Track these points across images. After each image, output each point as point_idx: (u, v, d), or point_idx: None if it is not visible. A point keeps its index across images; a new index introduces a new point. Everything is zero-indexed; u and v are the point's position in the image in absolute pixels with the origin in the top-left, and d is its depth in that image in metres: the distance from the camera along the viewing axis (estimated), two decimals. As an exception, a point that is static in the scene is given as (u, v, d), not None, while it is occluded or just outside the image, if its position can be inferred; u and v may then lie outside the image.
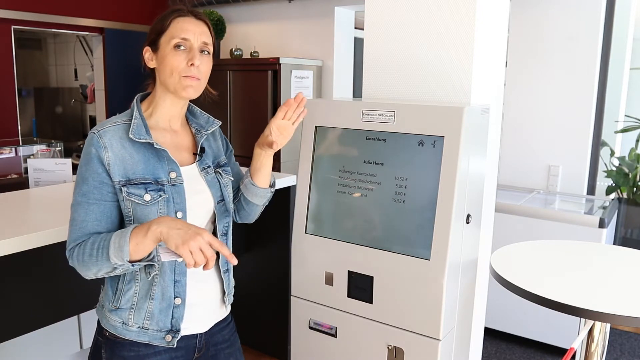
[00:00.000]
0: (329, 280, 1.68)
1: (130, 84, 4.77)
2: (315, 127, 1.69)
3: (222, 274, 1.46)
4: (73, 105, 6.43)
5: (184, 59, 1.33)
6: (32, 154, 3.36)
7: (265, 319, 2.88)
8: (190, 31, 1.34)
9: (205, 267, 1.18)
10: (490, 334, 3.26)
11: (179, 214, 1.35)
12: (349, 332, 1.68)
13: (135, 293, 1.34)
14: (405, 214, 1.53)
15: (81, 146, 6.46)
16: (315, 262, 1.70)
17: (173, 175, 1.34)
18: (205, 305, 1.43)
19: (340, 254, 1.64)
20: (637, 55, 4.54)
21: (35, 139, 5.51)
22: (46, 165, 2.83)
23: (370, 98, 1.88)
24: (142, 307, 1.33)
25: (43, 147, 3.47)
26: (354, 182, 1.62)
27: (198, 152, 1.43)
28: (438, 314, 1.50)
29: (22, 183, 3.10)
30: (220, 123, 1.52)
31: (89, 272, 1.27)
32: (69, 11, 4.47)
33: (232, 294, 1.51)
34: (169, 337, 1.35)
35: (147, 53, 1.39)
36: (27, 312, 1.98)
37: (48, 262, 2.01)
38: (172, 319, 1.35)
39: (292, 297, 1.76)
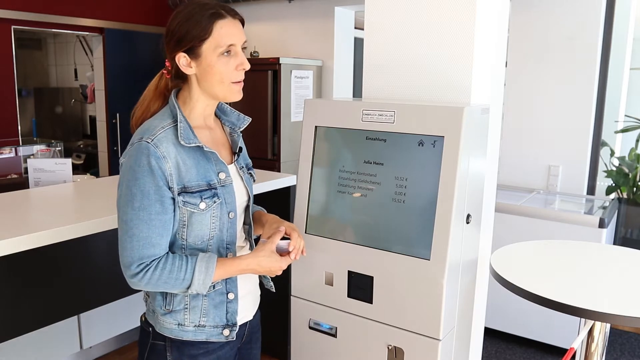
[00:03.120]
0: (329, 280, 1.68)
1: (130, 84, 4.77)
2: (315, 127, 1.69)
3: None
4: (73, 105, 6.43)
5: (232, 65, 1.30)
6: (32, 154, 3.36)
7: (265, 319, 2.87)
8: (234, 35, 1.29)
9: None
10: (490, 334, 3.26)
11: (231, 215, 1.37)
12: (349, 332, 1.68)
13: (186, 294, 1.33)
14: (405, 214, 1.53)
15: (81, 146, 6.37)
16: (315, 262, 1.70)
17: (222, 176, 1.35)
18: (252, 295, 1.50)
19: (340, 254, 1.64)
20: (637, 55, 4.54)
21: (35, 139, 5.51)
22: (46, 165, 2.83)
23: (370, 98, 1.88)
24: (196, 306, 1.34)
25: (43, 147, 3.48)
26: (354, 182, 1.62)
27: (237, 152, 1.45)
28: (438, 314, 1.50)
29: (22, 183, 3.10)
30: (250, 119, 1.51)
31: (157, 290, 1.31)
32: (69, 11, 4.47)
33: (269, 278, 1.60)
34: (226, 332, 1.38)
35: (183, 59, 1.29)
36: (27, 312, 1.98)
37: (48, 262, 2.01)
38: (227, 313, 1.38)
39: (292, 297, 1.76)
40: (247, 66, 1.32)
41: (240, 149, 1.46)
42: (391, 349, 1.59)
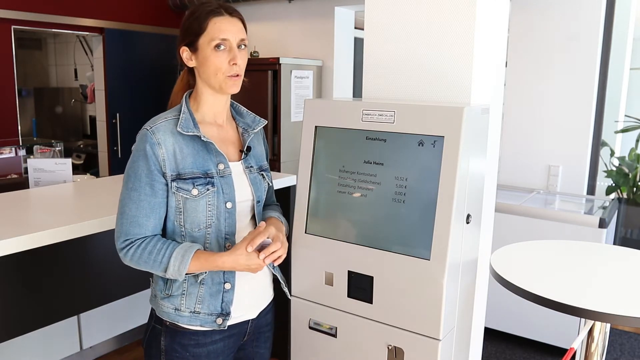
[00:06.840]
0: (329, 280, 1.68)
1: (130, 84, 4.77)
2: (315, 127, 1.69)
3: (273, 270, 1.58)
4: (73, 105, 6.43)
5: (225, 59, 1.38)
6: (32, 154, 3.36)
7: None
8: (228, 31, 1.38)
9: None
10: (490, 334, 3.26)
11: (229, 205, 1.41)
12: (349, 332, 1.68)
13: (185, 280, 1.40)
14: (405, 214, 1.53)
15: (81, 146, 6.38)
16: (315, 262, 1.70)
17: (221, 167, 1.41)
18: (256, 292, 1.52)
19: (340, 254, 1.64)
20: (637, 55, 4.54)
21: (35, 139, 5.51)
22: (46, 165, 2.83)
23: (370, 98, 1.88)
24: (192, 293, 1.40)
25: (43, 147, 3.47)
26: (354, 182, 1.62)
27: (244, 150, 1.49)
28: (438, 314, 1.50)
29: (22, 183, 3.10)
30: (266, 122, 1.57)
31: (140, 269, 1.36)
32: (69, 11, 4.47)
33: (285, 281, 1.62)
34: (219, 320, 1.42)
35: (185, 53, 1.42)
36: (27, 312, 1.98)
37: (48, 262, 2.01)
38: (222, 302, 1.42)
39: (292, 297, 1.76)
40: (239, 61, 1.39)
41: (249, 148, 1.50)
42: (391, 349, 1.59)
